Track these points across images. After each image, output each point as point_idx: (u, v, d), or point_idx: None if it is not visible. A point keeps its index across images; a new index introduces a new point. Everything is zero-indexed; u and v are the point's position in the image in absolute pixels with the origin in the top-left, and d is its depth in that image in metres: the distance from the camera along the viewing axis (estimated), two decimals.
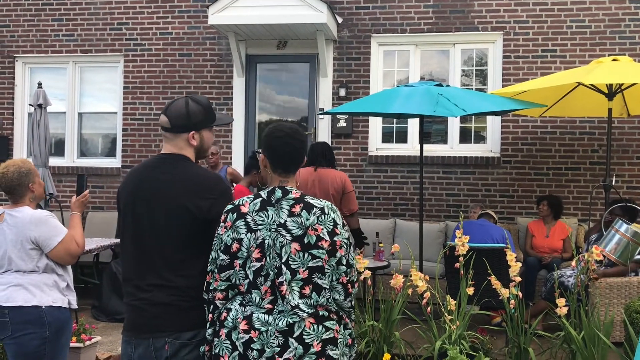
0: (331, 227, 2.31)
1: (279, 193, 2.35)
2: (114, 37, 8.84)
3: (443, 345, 4.29)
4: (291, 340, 2.23)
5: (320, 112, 8.12)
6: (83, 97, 9.16)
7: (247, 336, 2.24)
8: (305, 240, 2.27)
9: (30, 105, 8.27)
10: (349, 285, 2.36)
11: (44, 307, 3.24)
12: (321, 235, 2.28)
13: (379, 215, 8.14)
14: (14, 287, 3.24)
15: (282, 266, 2.25)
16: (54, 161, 8.53)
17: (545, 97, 6.93)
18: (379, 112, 6.76)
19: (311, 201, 2.34)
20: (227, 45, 8.43)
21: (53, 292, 3.31)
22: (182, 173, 2.46)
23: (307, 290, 2.26)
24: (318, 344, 2.25)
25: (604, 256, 5.08)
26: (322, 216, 2.31)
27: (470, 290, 4.61)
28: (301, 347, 2.23)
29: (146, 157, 8.64)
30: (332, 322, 2.31)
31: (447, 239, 7.50)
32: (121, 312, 6.43)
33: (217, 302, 2.34)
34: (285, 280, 2.25)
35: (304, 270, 2.26)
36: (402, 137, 8.31)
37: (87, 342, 4.82)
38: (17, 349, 3.22)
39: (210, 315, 2.35)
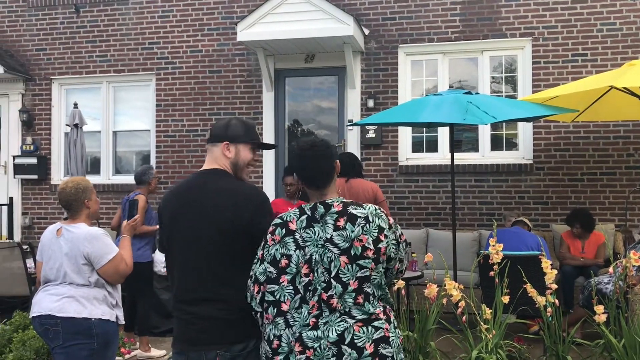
0: (376, 234, 2.33)
1: (321, 209, 2.39)
2: (145, 56, 9.04)
3: (480, 355, 4.24)
4: (344, 347, 2.25)
5: (349, 123, 8.15)
6: (117, 115, 9.38)
7: (303, 357, 2.27)
8: (352, 253, 2.30)
9: (66, 125, 8.49)
10: (399, 274, 2.47)
11: (93, 319, 3.36)
12: (366, 245, 2.31)
13: (411, 225, 8.11)
14: (67, 299, 3.37)
15: (332, 280, 2.29)
16: (90, 179, 8.69)
17: (576, 102, 6.84)
18: (408, 122, 6.76)
19: (354, 211, 2.36)
20: (255, 61, 8.55)
21: (102, 306, 3.43)
22: (222, 186, 2.54)
23: (360, 300, 2.30)
24: (370, 345, 2.27)
25: None
26: (367, 225, 2.33)
27: (506, 299, 4.55)
28: (355, 352, 2.25)
29: (179, 172, 8.79)
30: (380, 321, 2.33)
31: (481, 248, 7.42)
32: (159, 327, 6.53)
33: (259, 313, 2.39)
34: (336, 293, 2.29)
35: (354, 282, 2.30)
36: (433, 146, 8.28)
37: (127, 356, 4.91)
38: (66, 358, 3.32)
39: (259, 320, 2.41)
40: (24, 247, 7.24)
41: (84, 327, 3.33)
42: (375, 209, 2.39)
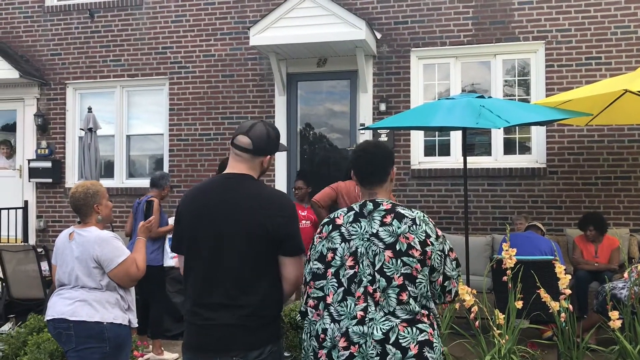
0: (423, 237, 2.36)
1: (370, 206, 2.45)
2: (159, 60, 9.11)
3: None
4: (389, 347, 2.26)
5: (361, 127, 8.15)
6: (130, 119, 9.45)
7: (347, 352, 2.29)
8: (397, 248, 2.33)
9: (81, 129, 8.56)
10: (447, 295, 2.45)
11: (105, 323, 3.36)
12: (412, 244, 2.33)
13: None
14: (79, 302, 3.38)
15: (376, 274, 2.32)
16: (104, 183, 8.70)
17: (590, 106, 6.79)
18: (421, 126, 6.75)
19: (402, 211, 2.41)
20: (268, 65, 8.58)
21: (115, 309, 3.43)
22: (254, 191, 2.52)
23: (404, 297, 2.30)
24: (415, 346, 2.28)
25: None
26: (414, 226, 2.37)
27: (519, 304, 4.52)
28: (399, 352, 2.26)
29: (192, 176, 8.83)
30: (424, 324, 2.33)
31: (494, 252, 7.37)
32: (171, 330, 6.54)
33: (308, 310, 2.43)
34: (379, 287, 2.31)
35: (398, 277, 2.31)
36: (445, 150, 8.26)
37: (140, 359, 4.93)
38: None
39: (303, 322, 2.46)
40: (39, 250, 7.31)
41: (96, 331, 3.33)
42: (423, 216, 2.43)
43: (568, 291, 4.40)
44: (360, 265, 2.34)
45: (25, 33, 9.69)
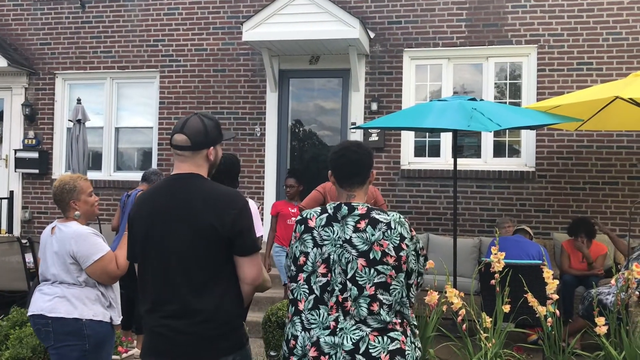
0: (397, 241, 2.30)
1: (344, 209, 2.38)
2: (150, 53, 9.03)
3: None
4: (358, 357, 2.22)
5: (352, 126, 8.14)
6: (120, 112, 9.36)
7: None
8: (371, 256, 2.28)
9: (69, 120, 8.47)
10: (419, 288, 2.42)
11: (84, 320, 3.28)
12: (386, 250, 2.29)
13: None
14: (58, 299, 3.31)
15: (347, 282, 2.27)
16: (91, 175, 8.71)
17: (581, 111, 6.82)
18: (413, 127, 6.75)
19: (377, 216, 2.35)
20: (260, 61, 8.53)
21: (95, 306, 3.34)
22: (202, 190, 2.43)
23: (375, 307, 2.26)
24: (385, 355, 2.23)
25: None
26: (388, 231, 2.31)
27: (507, 308, 4.53)
28: None
29: None
30: (396, 332, 2.28)
31: (482, 255, 7.40)
32: None
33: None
34: (350, 296, 2.26)
35: (370, 287, 2.26)
36: (435, 151, 8.27)
37: (124, 355, 4.90)
38: (59, 358, 3.28)
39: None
40: (23, 241, 7.23)
41: (75, 327, 3.26)
42: (399, 217, 2.37)
43: (555, 296, 4.41)
44: (333, 274, 2.29)
45: (15, 21, 9.56)
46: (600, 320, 4.30)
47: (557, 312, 4.44)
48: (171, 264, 2.37)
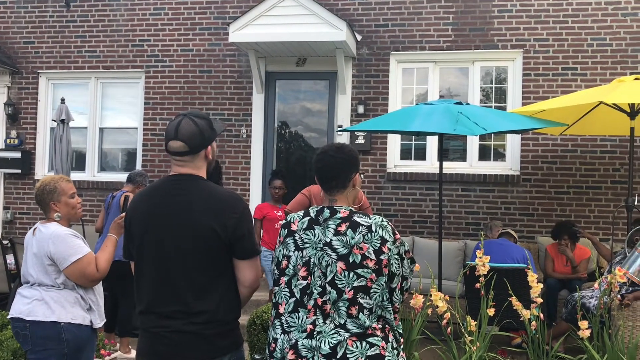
0: (378, 244, 2.28)
1: (327, 213, 2.37)
2: (135, 53, 8.96)
3: None
4: None
5: (339, 129, 8.13)
6: (104, 112, 9.27)
7: None
8: (351, 260, 2.26)
9: (53, 120, 8.37)
10: (405, 293, 2.39)
11: (62, 323, 3.22)
12: (366, 254, 2.27)
13: (396, 230, 8.09)
14: (36, 302, 3.25)
15: (327, 285, 2.26)
16: (74, 176, 8.62)
17: (566, 116, 6.88)
18: (399, 130, 6.76)
19: (358, 220, 2.33)
20: (246, 62, 8.50)
21: (75, 308, 3.28)
22: (202, 193, 2.41)
23: (353, 311, 2.24)
24: None
25: (627, 278, 5.00)
26: (369, 234, 2.29)
27: (491, 311, 4.55)
28: None
29: (165, 172, 8.71)
30: (376, 338, 2.26)
31: (467, 258, 7.43)
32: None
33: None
34: (330, 299, 2.25)
35: (349, 290, 2.25)
36: (421, 154, 8.29)
37: (107, 358, 4.84)
38: None
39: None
40: (5, 242, 7.13)
41: (52, 331, 3.19)
42: (382, 221, 2.35)
43: (540, 300, 4.44)
44: (313, 277, 2.28)
45: None
46: (584, 324, 4.34)
47: (541, 315, 4.47)
48: (170, 266, 2.36)
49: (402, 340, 2.41)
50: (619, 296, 5.22)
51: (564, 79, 7.79)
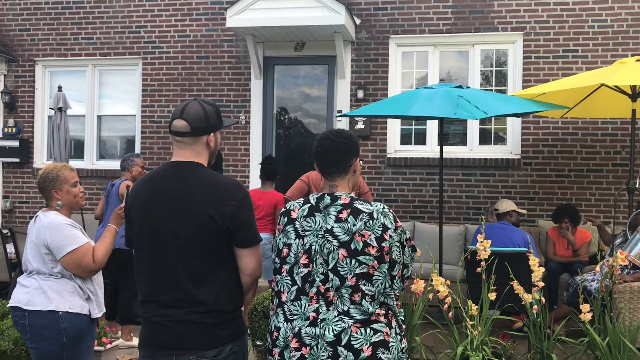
0: (380, 232, 2.27)
1: (327, 199, 2.35)
2: (132, 40, 8.88)
3: (465, 352, 4.23)
4: (340, 349, 2.20)
5: (338, 114, 8.08)
6: (102, 99, 9.22)
7: (298, 354, 2.24)
8: (352, 247, 2.25)
9: (50, 108, 8.32)
10: (406, 281, 2.38)
11: (60, 312, 3.20)
12: (368, 241, 2.25)
13: (397, 217, 8.07)
14: (35, 291, 3.23)
15: (329, 272, 2.25)
16: (73, 163, 8.57)
17: (567, 99, 6.83)
18: (399, 115, 6.71)
19: (359, 206, 2.31)
20: (244, 48, 8.43)
21: (73, 297, 3.26)
22: (202, 180, 2.38)
23: (356, 298, 2.23)
24: (368, 347, 2.20)
25: (629, 261, 4.99)
26: (370, 221, 2.27)
27: (493, 296, 4.54)
28: (351, 354, 2.19)
29: (164, 159, 8.68)
30: (380, 324, 2.25)
31: (467, 242, 7.42)
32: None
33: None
34: (333, 286, 2.24)
35: (351, 277, 2.23)
36: (421, 139, 8.25)
37: (108, 346, 4.84)
38: (37, 352, 3.21)
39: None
40: (5, 231, 7.11)
41: (51, 321, 3.17)
42: (383, 208, 2.33)
43: (541, 284, 4.43)
44: (314, 264, 2.27)
45: None
46: (585, 307, 4.33)
47: (543, 299, 4.46)
48: (169, 254, 2.34)
49: (404, 326, 2.40)
50: (623, 279, 5.22)
51: (565, 61, 7.73)
